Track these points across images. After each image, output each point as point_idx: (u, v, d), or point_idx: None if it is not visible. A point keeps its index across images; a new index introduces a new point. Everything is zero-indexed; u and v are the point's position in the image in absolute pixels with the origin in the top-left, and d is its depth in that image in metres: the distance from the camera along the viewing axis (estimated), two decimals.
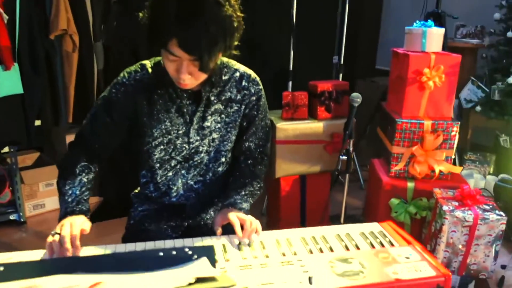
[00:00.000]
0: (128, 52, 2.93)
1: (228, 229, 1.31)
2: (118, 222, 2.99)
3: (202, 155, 1.44)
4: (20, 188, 2.88)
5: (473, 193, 2.14)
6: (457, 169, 2.37)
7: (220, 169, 1.50)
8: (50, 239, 1.17)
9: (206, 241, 1.26)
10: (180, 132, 1.40)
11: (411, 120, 2.32)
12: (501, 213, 2.08)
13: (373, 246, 1.24)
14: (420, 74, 2.30)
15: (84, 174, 1.37)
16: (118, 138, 1.45)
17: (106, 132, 1.40)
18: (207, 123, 1.41)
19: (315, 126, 2.58)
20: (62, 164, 1.40)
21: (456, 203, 2.14)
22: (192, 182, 1.48)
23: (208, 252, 1.00)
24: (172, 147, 1.41)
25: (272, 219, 2.88)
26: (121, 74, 1.39)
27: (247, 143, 1.51)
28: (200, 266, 0.96)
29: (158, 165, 1.44)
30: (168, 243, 1.23)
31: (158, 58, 1.41)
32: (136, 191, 1.63)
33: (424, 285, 1.09)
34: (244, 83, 1.44)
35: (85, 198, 1.33)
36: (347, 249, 1.22)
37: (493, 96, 3.43)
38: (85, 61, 2.91)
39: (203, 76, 1.27)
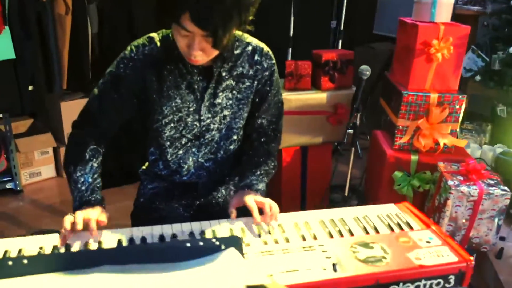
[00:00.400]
0: (122, 14, 2.82)
1: (243, 210, 1.28)
2: (116, 191, 2.98)
3: (213, 132, 1.40)
4: (16, 156, 2.81)
5: (478, 168, 2.14)
6: (462, 143, 2.36)
7: (231, 147, 1.45)
8: (67, 221, 1.13)
9: (224, 224, 1.24)
10: (191, 109, 1.35)
11: (417, 92, 2.29)
12: (506, 188, 2.08)
13: (392, 229, 1.23)
14: (428, 45, 2.25)
15: (94, 160, 1.31)
16: (126, 115, 1.39)
17: (114, 109, 1.35)
18: (218, 100, 1.35)
19: (318, 97, 2.53)
20: (70, 146, 1.34)
21: (461, 178, 2.14)
22: (203, 160, 1.44)
23: (236, 243, 0.97)
24: (182, 125, 1.36)
25: (272, 190, 2.87)
26: (128, 48, 1.32)
27: (260, 120, 1.46)
28: (231, 257, 0.94)
29: (168, 143, 1.40)
30: (186, 226, 1.21)
31: (167, 31, 1.34)
32: (144, 167, 1.59)
33: (447, 270, 1.09)
34: (256, 57, 1.37)
35: (98, 185, 1.29)
36: (367, 232, 1.21)
37: (493, 65, 3.40)
38: (78, 24, 2.80)
39: (215, 52, 1.21)
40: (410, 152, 2.38)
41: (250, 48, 1.37)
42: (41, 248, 1.10)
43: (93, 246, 1.12)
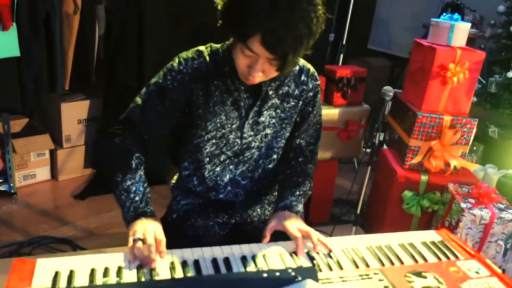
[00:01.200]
0: (132, 17, 2.75)
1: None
2: (110, 197, 2.89)
3: (253, 150, 1.38)
4: (12, 157, 2.69)
5: (489, 192, 2.18)
6: (472, 166, 2.41)
7: (270, 166, 1.43)
8: (132, 243, 1.08)
9: (272, 248, 1.21)
10: (234, 126, 1.32)
11: (431, 114, 2.32)
12: None
13: (439, 258, 1.23)
14: (445, 69, 2.29)
15: (142, 168, 1.26)
16: (168, 127, 1.36)
17: (157, 120, 1.31)
18: (262, 118, 1.33)
19: (330, 113, 2.54)
20: (114, 153, 1.27)
21: (473, 201, 2.18)
22: (240, 178, 1.41)
23: (312, 274, 0.95)
24: (224, 141, 1.34)
25: None
26: (176, 60, 1.29)
27: (298, 140, 1.45)
28: None
29: (207, 159, 1.37)
30: (228, 250, 1.17)
31: (215, 45, 1.32)
32: (173, 181, 1.54)
33: None
34: (303, 77, 1.36)
35: (149, 196, 1.24)
36: (415, 260, 1.21)
37: (489, 88, 3.49)
38: (86, 25, 2.72)
39: (274, 74, 1.18)
40: (420, 172, 2.41)
41: (297, 67, 1.36)
42: (92, 270, 1.04)
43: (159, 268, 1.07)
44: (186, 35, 3.06)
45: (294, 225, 1.24)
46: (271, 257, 1.16)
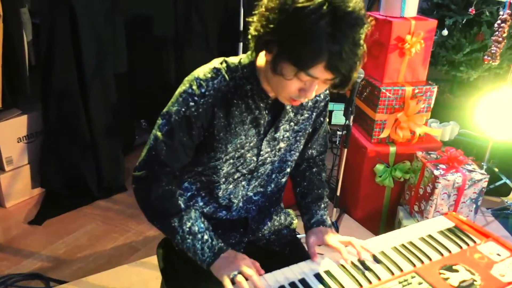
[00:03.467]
0: (63, 17, 2.47)
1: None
2: (70, 217, 2.69)
3: (267, 166, 1.30)
4: None
5: (457, 155, 2.28)
6: (435, 132, 2.49)
7: (283, 179, 1.37)
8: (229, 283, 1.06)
9: (312, 266, 1.16)
10: (251, 144, 1.23)
11: (394, 87, 2.35)
12: (483, 171, 2.26)
13: (460, 246, 1.25)
14: (402, 41, 2.31)
15: (191, 204, 1.21)
16: (191, 156, 1.24)
17: (184, 152, 1.19)
18: (278, 133, 1.26)
19: None
20: (157, 202, 1.19)
21: (444, 166, 2.27)
22: (251, 194, 1.34)
23: None
24: (241, 161, 1.25)
25: None
26: (196, 83, 1.14)
27: (310, 151, 1.42)
28: None
29: (223, 179, 1.27)
30: (278, 274, 1.12)
31: (230, 60, 1.18)
32: None
33: None
34: None
35: (212, 230, 1.19)
36: (441, 254, 1.22)
37: None
38: (11, 32, 2.41)
39: (323, 90, 1.11)
40: (388, 144, 2.46)
41: None
42: None
43: None
44: (122, 26, 2.84)
45: (334, 238, 1.25)
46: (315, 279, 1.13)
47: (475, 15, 3.44)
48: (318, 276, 1.13)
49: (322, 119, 1.35)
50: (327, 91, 1.32)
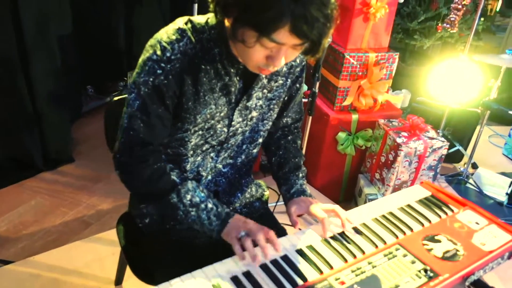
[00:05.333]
0: None
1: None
2: (11, 192, 2.47)
3: (238, 136, 1.20)
4: None
5: (419, 123, 2.28)
6: (397, 99, 2.48)
7: (255, 150, 1.28)
8: (238, 244, 1.01)
9: (293, 241, 1.09)
10: (222, 114, 1.12)
11: (357, 53, 2.30)
12: (443, 139, 2.28)
13: (439, 216, 1.23)
14: (367, 5, 2.25)
15: (183, 175, 1.14)
16: (170, 128, 1.11)
17: (163, 124, 1.07)
18: (250, 102, 1.15)
19: None
20: (148, 182, 1.07)
21: (406, 134, 2.27)
22: (220, 166, 1.24)
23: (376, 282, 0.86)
24: (211, 132, 1.14)
25: None
26: (159, 47, 1.00)
27: (286, 119, 1.33)
28: None
29: (191, 152, 1.16)
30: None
31: (198, 21, 1.04)
32: None
33: (506, 250, 1.14)
34: None
35: (213, 197, 1.12)
36: (422, 224, 1.19)
37: None
38: None
39: (293, 58, 1.01)
40: (350, 111, 2.43)
41: None
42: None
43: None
44: None
45: (317, 207, 1.19)
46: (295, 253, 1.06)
47: None
48: (300, 252, 1.07)
49: (298, 85, 1.26)
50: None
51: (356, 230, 1.15)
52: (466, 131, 3.01)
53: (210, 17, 1.04)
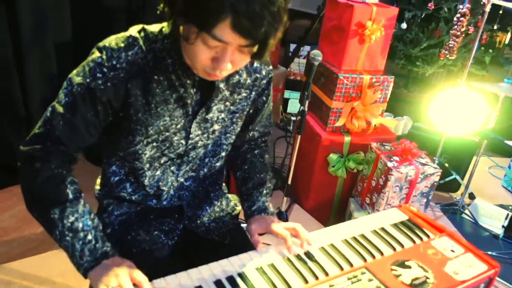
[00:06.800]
0: None
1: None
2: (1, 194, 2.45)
3: (199, 150, 1.16)
4: None
5: (411, 148, 2.23)
6: (391, 123, 2.44)
7: (218, 164, 1.24)
8: None
9: (244, 261, 1.04)
10: (179, 126, 1.08)
11: (351, 74, 2.27)
12: (436, 165, 2.22)
13: (413, 241, 1.18)
14: (362, 27, 2.23)
15: (81, 196, 1.01)
16: (96, 136, 1.06)
17: (87, 131, 1.01)
18: (210, 114, 1.11)
19: None
20: (40, 185, 0.97)
21: (397, 158, 2.22)
22: (182, 180, 1.20)
23: None
24: (167, 144, 1.10)
25: None
26: (106, 52, 0.96)
27: (252, 132, 1.29)
28: None
29: (147, 165, 1.12)
30: (214, 267, 0.99)
31: (150, 28, 1.01)
32: (98, 187, 1.26)
33: (481, 280, 1.08)
34: (256, 64, 1.15)
35: (101, 229, 1.00)
36: (394, 249, 1.14)
37: None
38: None
39: (243, 64, 0.95)
40: (342, 133, 2.39)
41: None
42: None
43: None
44: None
45: (279, 225, 1.14)
46: (254, 272, 1.00)
47: (433, 11, 3.44)
48: (260, 270, 1.02)
49: (264, 98, 1.21)
50: (270, 67, 1.19)
51: (323, 251, 1.10)
52: (463, 160, 2.95)
53: (164, 26, 1.01)
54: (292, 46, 3.73)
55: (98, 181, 1.27)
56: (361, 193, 2.38)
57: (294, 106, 3.82)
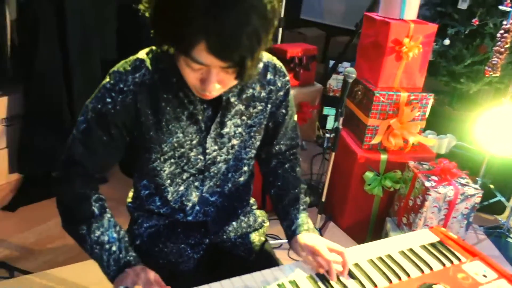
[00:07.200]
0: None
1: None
2: (44, 205, 2.57)
3: (220, 165, 1.19)
4: None
5: (450, 167, 2.17)
6: (430, 142, 2.38)
7: (241, 179, 1.26)
8: None
9: (277, 274, 1.05)
10: (194, 142, 1.11)
11: (388, 92, 2.24)
12: (477, 186, 2.15)
13: (443, 263, 1.14)
14: (399, 44, 2.21)
15: (106, 211, 1.08)
16: (119, 156, 1.12)
17: (105, 153, 1.08)
18: (226, 129, 1.13)
19: None
20: (67, 206, 1.07)
21: (436, 178, 2.16)
22: (207, 195, 1.23)
23: None
24: (184, 160, 1.13)
25: None
26: (114, 76, 1.02)
27: (278, 146, 1.29)
28: None
29: (168, 181, 1.16)
30: (236, 281, 1.01)
31: (158, 50, 1.06)
32: (130, 200, 1.31)
33: None
34: (269, 76, 1.15)
35: (126, 241, 1.06)
36: (422, 271, 1.11)
37: None
38: None
39: (234, 82, 0.96)
40: (379, 151, 2.35)
41: (260, 65, 1.14)
42: None
43: None
44: (112, 13, 2.73)
45: (323, 245, 1.11)
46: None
47: (478, 26, 3.34)
48: (281, 286, 1.02)
49: (284, 110, 1.22)
50: (287, 78, 1.20)
51: (348, 272, 1.09)
52: (508, 181, 2.82)
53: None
54: (332, 63, 3.73)
55: (131, 194, 1.33)
56: (398, 212, 2.32)
57: (332, 122, 3.80)
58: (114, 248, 1.03)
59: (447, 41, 3.41)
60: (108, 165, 1.12)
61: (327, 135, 2.02)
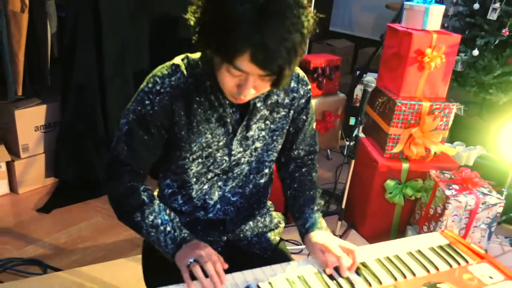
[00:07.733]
0: (87, 12, 2.53)
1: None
2: (77, 208, 2.72)
3: (243, 166, 1.26)
4: None
5: (472, 177, 2.17)
6: (452, 151, 2.39)
7: (262, 181, 1.33)
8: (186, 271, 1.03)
9: (285, 268, 1.11)
10: (221, 143, 1.20)
11: (410, 101, 2.27)
12: (499, 195, 2.13)
13: (450, 265, 1.17)
14: (421, 54, 2.24)
15: (155, 198, 1.19)
16: (158, 154, 1.23)
17: (147, 150, 1.18)
18: (251, 132, 1.21)
19: None
20: (119, 199, 1.18)
21: (457, 187, 2.16)
22: (229, 195, 1.30)
23: None
24: (211, 160, 1.21)
25: None
26: (151, 80, 1.13)
27: (297, 151, 1.36)
28: None
29: (194, 179, 1.24)
30: (247, 274, 1.07)
31: (192, 56, 1.16)
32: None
33: None
34: (293, 84, 1.24)
35: (178, 221, 1.17)
36: (427, 270, 1.14)
37: (455, 66, 3.50)
38: (36, 23, 2.48)
39: (267, 89, 1.06)
40: (400, 160, 2.37)
41: None
42: None
43: None
44: (147, 27, 2.87)
45: (334, 242, 1.16)
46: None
47: (508, 37, 3.31)
48: (289, 281, 1.08)
49: (304, 117, 1.29)
50: (309, 87, 1.27)
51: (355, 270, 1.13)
52: None
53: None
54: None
55: (155, 193, 1.42)
56: (419, 221, 2.33)
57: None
58: (168, 228, 1.12)
59: (476, 52, 3.39)
60: (149, 162, 1.21)
61: (346, 143, 2.05)
